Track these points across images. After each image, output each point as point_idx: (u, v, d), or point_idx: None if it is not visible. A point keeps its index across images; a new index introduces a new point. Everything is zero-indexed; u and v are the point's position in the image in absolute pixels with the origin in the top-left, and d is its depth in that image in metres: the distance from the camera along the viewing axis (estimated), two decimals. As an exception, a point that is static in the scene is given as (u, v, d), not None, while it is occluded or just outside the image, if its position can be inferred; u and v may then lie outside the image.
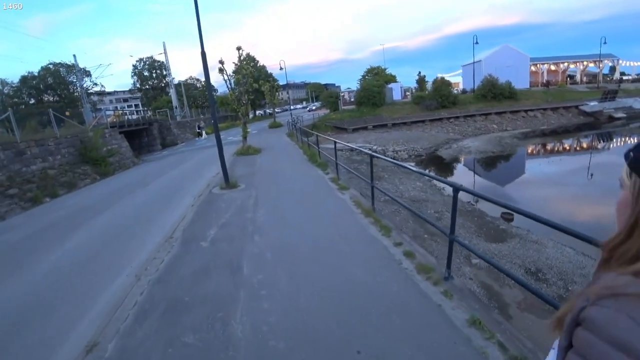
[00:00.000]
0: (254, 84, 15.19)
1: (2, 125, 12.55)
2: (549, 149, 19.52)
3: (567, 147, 19.43)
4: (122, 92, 66.71)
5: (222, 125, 34.75)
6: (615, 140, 20.78)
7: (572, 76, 43.05)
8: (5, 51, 76.12)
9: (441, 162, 17.02)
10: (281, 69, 29.82)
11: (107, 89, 53.07)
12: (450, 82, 30.62)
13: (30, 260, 5.25)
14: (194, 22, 6.88)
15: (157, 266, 4.34)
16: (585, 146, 19.30)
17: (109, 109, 34.10)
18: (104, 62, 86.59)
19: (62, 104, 40.04)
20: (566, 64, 41.71)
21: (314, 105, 58.86)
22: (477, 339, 2.47)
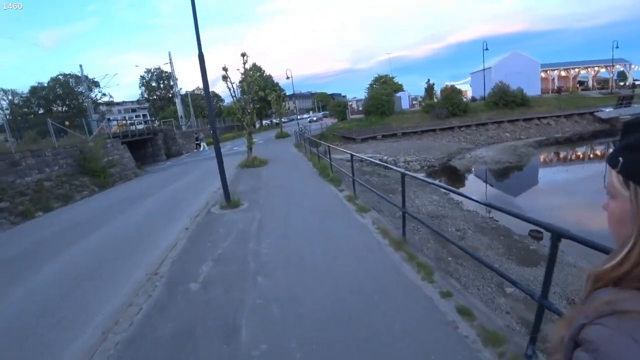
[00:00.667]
0: (260, 92, 14.63)
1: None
2: (562, 157, 18.79)
3: (591, 155, 18.54)
4: (131, 102, 67.58)
5: (228, 135, 34.41)
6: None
7: (582, 82, 42.18)
8: (17, 63, 78.07)
9: (455, 173, 16.23)
10: (288, 78, 29.67)
11: (116, 99, 53.81)
12: (460, 90, 29.94)
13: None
14: (203, 33, 6.30)
15: (131, 318, 3.51)
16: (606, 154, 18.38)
17: (117, 118, 34.05)
18: (115, 73, 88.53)
19: (70, 114, 40.40)
20: (577, 70, 40.93)
21: (314, 115, 57.78)
22: None
